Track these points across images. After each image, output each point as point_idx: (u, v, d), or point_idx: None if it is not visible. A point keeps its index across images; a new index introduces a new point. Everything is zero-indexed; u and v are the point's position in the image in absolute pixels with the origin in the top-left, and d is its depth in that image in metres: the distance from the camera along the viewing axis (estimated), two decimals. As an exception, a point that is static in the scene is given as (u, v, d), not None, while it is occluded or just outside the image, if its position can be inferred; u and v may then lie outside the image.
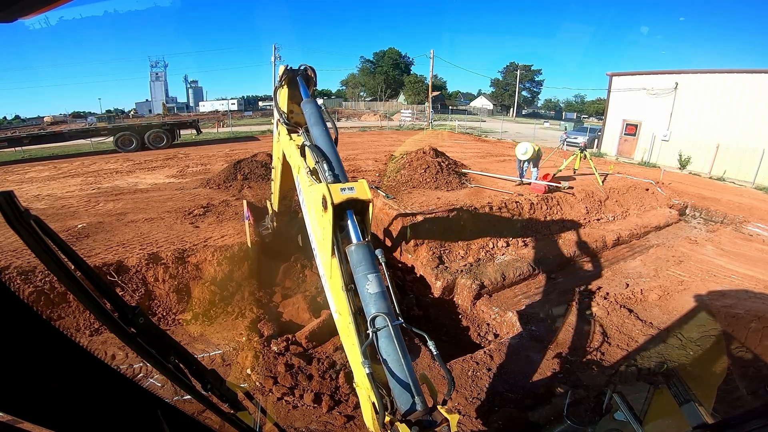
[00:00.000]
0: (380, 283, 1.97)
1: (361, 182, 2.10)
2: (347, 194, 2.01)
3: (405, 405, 1.68)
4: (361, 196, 2.03)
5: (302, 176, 2.55)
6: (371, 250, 2.02)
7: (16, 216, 0.66)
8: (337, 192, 2.00)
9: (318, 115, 2.82)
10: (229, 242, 5.96)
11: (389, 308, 1.88)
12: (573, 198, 9.33)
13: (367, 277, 1.95)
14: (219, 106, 50.44)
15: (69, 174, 11.37)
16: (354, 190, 2.03)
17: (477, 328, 5.80)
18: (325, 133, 2.65)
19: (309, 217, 2.46)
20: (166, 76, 58.21)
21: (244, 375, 4.20)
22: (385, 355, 1.76)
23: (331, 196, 1.97)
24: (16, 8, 0.58)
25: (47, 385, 0.62)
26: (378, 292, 1.93)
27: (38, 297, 4.67)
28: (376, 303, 1.89)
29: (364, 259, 1.98)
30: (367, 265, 1.97)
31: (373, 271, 1.97)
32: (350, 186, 2.06)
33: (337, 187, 2.03)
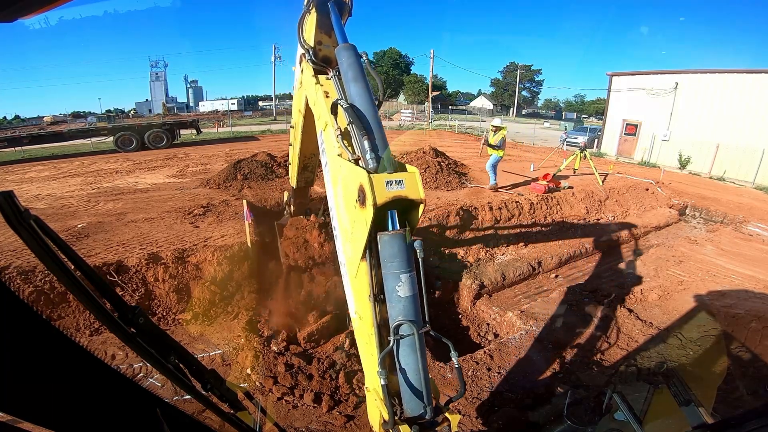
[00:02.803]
0: (413, 285, 1.65)
1: (412, 173, 1.63)
2: (394, 191, 1.56)
3: (413, 411, 1.67)
4: (411, 195, 1.59)
5: (328, 137, 2.02)
6: (408, 242, 1.65)
7: (16, 216, 0.66)
8: (382, 187, 1.55)
9: (358, 68, 2.04)
10: (229, 242, 5.96)
11: (418, 314, 1.65)
12: (573, 198, 9.33)
13: (400, 278, 1.62)
14: (219, 106, 50.43)
15: (69, 174, 11.36)
16: (403, 186, 1.58)
17: (477, 328, 5.80)
18: (366, 94, 1.96)
19: (333, 195, 2.03)
20: (166, 75, 58.27)
21: (244, 375, 4.20)
22: (403, 364, 1.64)
23: (373, 193, 1.52)
24: (16, 8, 0.58)
25: (47, 385, 0.62)
26: (409, 296, 1.64)
27: (38, 297, 4.67)
28: (405, 308, 1.63)
29: (399, 254, 1.62)
30: (401, 262, 1.63)
31: (407, 270, 1.63)
32: (399, 179, 1.59)
33: (381, 179, 1.57)
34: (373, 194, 1.52)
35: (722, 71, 15.76)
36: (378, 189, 1.54)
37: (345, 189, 1.77)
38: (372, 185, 1.53)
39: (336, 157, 1.88)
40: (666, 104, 17.28)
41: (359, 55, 2.10)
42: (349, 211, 1.73)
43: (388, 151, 1.78)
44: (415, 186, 1.61)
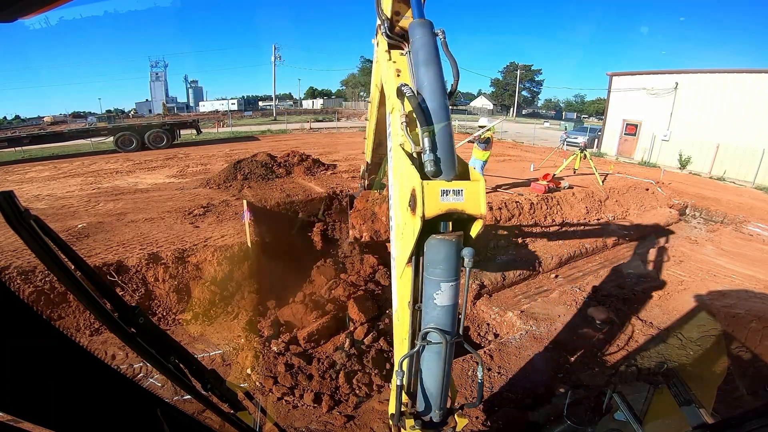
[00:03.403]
0: (453, 295, 1.53)
1: (475, 183, 1.42)
2: (449, 203, 1.38)
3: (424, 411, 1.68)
4: (469, 209, 1.39)
5: (394, 122, 1.82)
6: (458, 249, 1.48)
7: (16, 216, 0.66)
8: (435, 197, 1.37)
9: (431, 49, 1.73)
10: (229, 242, 5.96)
11: (453, 325, 1.56)
12: (573, 198, 9.33)
13: (440, 285, 1.51)
14: (219, 106, 50.47)
15: (69, 174, 11.37)
16: (461, 197, 1.38)
17: (477, 328, 5.80)
18: (436, 81, 1.64)
19: (392, 185, 1.89)
20: (166, 76, 58.27)
21: (244, 375, 4.20)
22: (426, 368, 1.61)
23: (423, 203, 1.36)
24: (16, 8, 0.58)
25: (47, 385, 0.62)
26: (446, 306, 1.54)
27: (38, 297, 4.67)
28: (439, 317, 1.55)
29: (445, 262, 1.48)
30: (445, 270, 1.50)
31: (451, 279, 1.50)
32: (457, 188, 1.39)
33: (436, 187, 1.38)
34: (423, 204, 1.35)
35: (722, 71, 15.76)
36: (430, 199, 1.36)
37: (400, 187, 1.60)
38: (423, 194, 1.36)
39: (398, 147, 1.68)
40: (666, 104, 17.28)
41: (435, 33, 1.77)
42: (402, 212, 1.58)
43: (452, 151, 1.53)
44: (476, 199, 1.39)
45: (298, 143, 17.27)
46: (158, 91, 57.31)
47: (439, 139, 1.52)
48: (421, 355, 1.62)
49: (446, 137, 1.54)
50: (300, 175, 10.30)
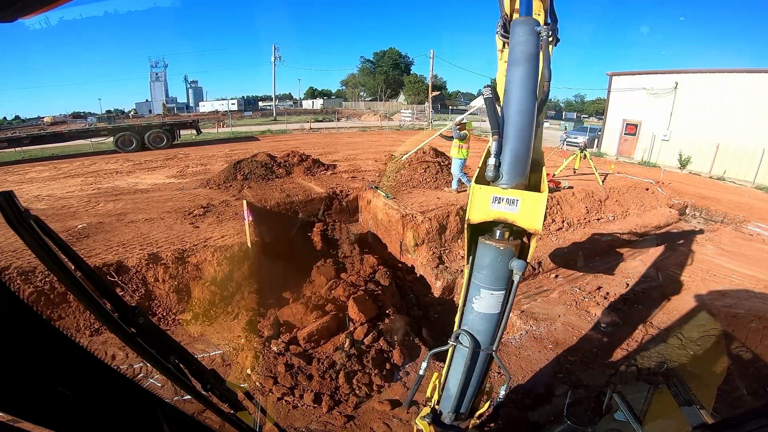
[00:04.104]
0: (493, 304, 1.46)
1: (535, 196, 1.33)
2: (500, 211, 1.33)
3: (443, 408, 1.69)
4: (522, 222, 1.33)
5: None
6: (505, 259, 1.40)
7: (16, 216, 0.66)
8: (485, 202, 1.34)
9: (524, 49, 1.56)
10: (229, 242, 5.96)
11: (487, 333, 1.51)
12: (573, 198, 9.33)
13: (480, 291, 1.48)
14: (219, 106, 50.44)
15: (69, 174, 11.36)
16: (516, 208, 1.32)
17: (477, 328, 5.80)
18: (522, 83, 1.50)
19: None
20: (166, 76, 58.25)
21: (244, 375, 4.20)
22: (452, 369, 1.60)
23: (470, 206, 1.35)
24: (16, 8, 0.58)
25: (47, 385, 0.62)
26: (483, 313, 1.50)
27: (38, 297, 4.67)
28: (474, 322, 1.52)
29: (489, 268, 1.43)
30: (487, 277, 1.44)
31: (492, 287, 1.44)
32: (514, 197, 1.32)
33: (488, 193, 1.35)
34: (470, 208, 1.33)
35: (722, 71, 15.75)
36: (478, 203, 1.32)
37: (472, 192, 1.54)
38: (472, 197, 1.32)
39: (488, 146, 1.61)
40: (666, 104, 17.27)
41: (536, 33, 1.59)
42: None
43: (522, 159, 1.42)
44: (534, 212, 1.30)
45: (298, 143, 17.27)
46: (158, 92, 57.29)
47: (509, 144, 1.43)
48: (452, 356, 1.63)
49: (519, 143, 1.43)
50: (300, 176, 10.31)
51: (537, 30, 1.58)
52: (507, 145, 1.43)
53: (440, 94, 59.13)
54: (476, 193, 1.33)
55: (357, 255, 7.15)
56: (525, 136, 1.44)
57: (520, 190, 1.35)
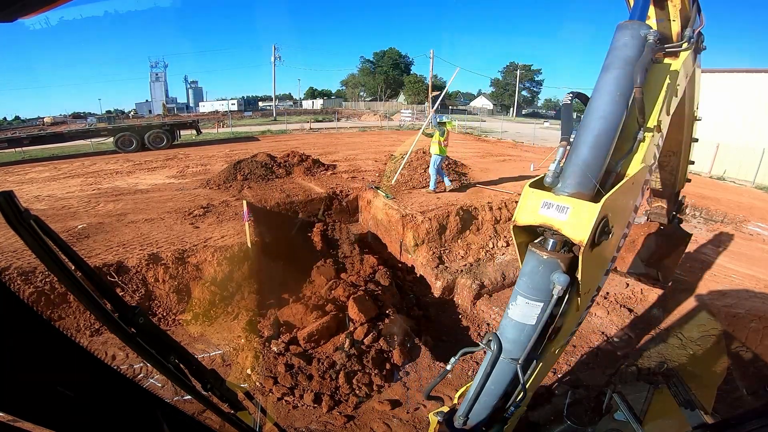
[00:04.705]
0: (527, 314, 1.40)
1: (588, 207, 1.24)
2: (547, 217, 1.28)
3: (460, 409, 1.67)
4: (567, 231, 1.25)
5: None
6: (547, 269, 1.33)
7: (16, 216, 0.66)
8: (534, 205, 1.30)
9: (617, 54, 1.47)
10: (229, 243, 5.96)
11: (516, 343, 1.45)
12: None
13: (516, 297, 1.43)
14: (219, 107, 50.53)
15: (69, 175, 11.37)
16: (565, 216, 1.25)
17: (477, 328, 5.80)
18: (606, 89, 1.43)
19: None
20: (166, 76, 58.31)
21: (244, 375, 4.20)
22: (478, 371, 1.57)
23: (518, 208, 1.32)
24: (16, 8, 0.58)
25: (47, 385, 0.62)
26: (515, 322, 1.44)
27: (38, 297, 4.67)
28: (505, 328, 1.47)
29: (529, 275, 1.38)
30: (525, 284, 1.39)
31: (531, 297, 1.39)
32: (563, 204, 1.26)
33: (539, 197, 1.31)
34: (518, 209, 1.30)
35: (722, 71, 15.76)
36: (527, 205, 1.29)
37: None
38: (522, 199, 1.29)
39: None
40: (666, 104, 17.28)
41: (640, 37, 1.45)
42: None
43: (587, 168, 1.34)
44: (582, 223, 1.21)
45: (298, 143, 17.27)
46: (158, 92, 57.33)
47: (578, 150, 1.37)
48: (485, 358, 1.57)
49: (589, 150, 1.36)
50: (300, 176, 10.31)
51: (642, 34, 1.46)
52: (575, 151, 1.37)
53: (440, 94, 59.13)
54: (527, 194, 1.30)
55: (357, 255, 7.15)
56: (600, 144, 1.36)
57: (572, 198, 1.28)
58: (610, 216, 1.27)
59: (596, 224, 1.22)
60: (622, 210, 1.39)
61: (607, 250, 1.40)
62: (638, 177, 1.41)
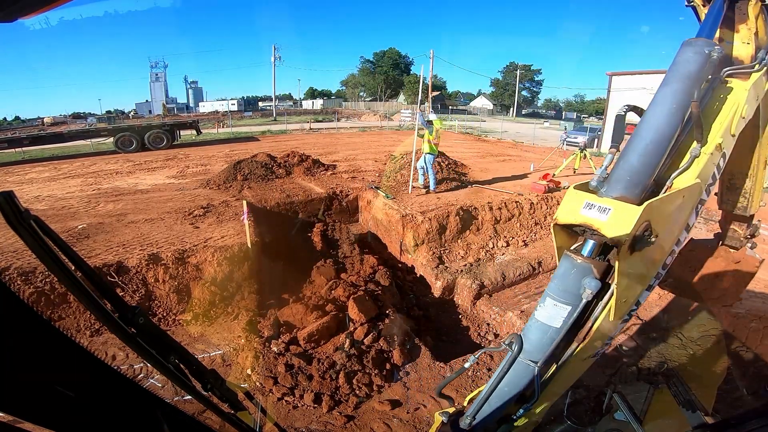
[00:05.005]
0: (552, 316, 1.39)
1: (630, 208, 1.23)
2: (587, 217, 1.28)
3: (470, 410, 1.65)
4: (605, 230, 1.24)
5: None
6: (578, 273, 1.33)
7: (16, 216, 0.66)
8: (576, 205, 1.30)
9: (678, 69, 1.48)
10: (229, 243, 5.96)
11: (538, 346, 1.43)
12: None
13: (545, 298, 1.42)
14: (219, 107, 50.58)
15: (69, 175, 11.37)
16: (605, 216, 1.25)
17: (477, 328, 5.80)
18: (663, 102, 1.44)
19: None
20: (166, 76, 58.37)
21: (245, 375, 4.20)
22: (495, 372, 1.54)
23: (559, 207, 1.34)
24: (16, 8, 0.58)
25: (47, 386, 0.62)
26: (541, 324, 1.42)
27: (39, 298, 4.67)
28: (529, 329, 1.46)
29: (560, 278, 1.38)
30: (555, 286, 1.39)
31: (559, 300, 1.38)
32: (605, 206, 1.26)
33: (581, 197, 1.32)
34: (559, 208, 1.31)
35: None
36: (569, 205, 1.30)
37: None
38: (566, 198, 1.29)
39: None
40: (666, 104, 17.29)
41: (704, 54, 1.47)
42: None
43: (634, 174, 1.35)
44: (622, 223, 1.20)
45: (298, 143, 17.27)
46: (158, 92, 57.38)
47: (626, 156, 1.40)
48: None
49: (638, 157, 1.37)
50: (300, 176, 10.31)
51: (707, 51, 1.46)
52: (624, 158, 1.38)
53: (440, 94, 59.18)
54: (570, 195, 1.31)
55: (357, 255, 7.15)
56: (649, 152, 1.37)
57: (614, 200, 1.28)
58: (653, 224, 1.25)
59: (636, 226, 1.20)
60: (668, 221, 1.36)
61: (648, 260, 1.37)
62: (689, 192, 1.40)
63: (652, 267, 1.44)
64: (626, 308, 1.45)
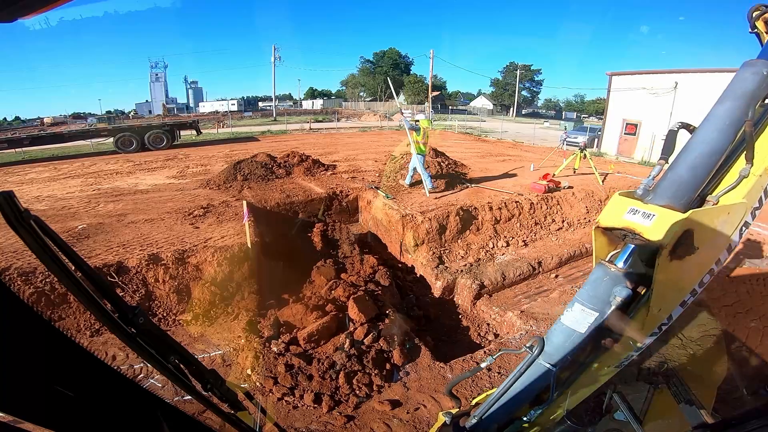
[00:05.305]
0: (580, 322, 1.38)
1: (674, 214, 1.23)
2: (629, 221, 1.29)
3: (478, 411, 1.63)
4: (647, 233, 1.25)
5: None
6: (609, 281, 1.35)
7: (16, 216, 0.66)
8: (620, 210, 1.32)
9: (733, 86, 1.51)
10: (229, 243, 5.96)
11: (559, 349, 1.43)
12: (573, 198, 9.33)
13: (574, 303, 1.42)
14: (219, 107, 50.60)
15: (69, 175, 11.37)
16: (648, 222, 1.26)
17: (477, 328, 5.80)
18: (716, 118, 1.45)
19: None
20: (166, 76, 58.39)
21: (245, 375, 4.20)
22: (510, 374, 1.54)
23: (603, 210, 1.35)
24: (16, 8, 0.58)
25: (48, 386, 0.62)
26: (566, 328, 1.42)
27: (39, 298, 4.67)
28: (553, 332, 1.46)
29: (591, 284, 1.39)
30: (585, 291, 1.41)
31: (587, 305, 1.38)
32: (649, 211, 1.28)
33: (625, 203, 1.34)
34: (603, 212, 1.32)
35: (722, 71, 15.75)
36: (613, 209, 1.31)
37: None
38: (610, 202, 1.30)
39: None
40: (666, 104, 17.28)
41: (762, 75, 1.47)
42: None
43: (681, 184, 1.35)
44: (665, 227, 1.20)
45: (298, 144, 17.28)
46: (158, 92, 57.40)
47: (674, 167, 1.41)
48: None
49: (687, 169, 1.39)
50: (300, 176, 10.31)
51: (765, 72, 1.46)
52: (672, 169, 1.39)
53: (440, 94, 59.21)
54: (615, 200, 1.32)
55: (357, 255, 7.15)
56: (698, 165, 1.38)
57: (660, 207, 1.28)
58: (695, 235, 1.26)
59: (679, 231, 1.21)
60: (710, 235, 1.36)
61: (686, 271, 1.36)
62: (734, 210, 1.40)
63: (689, 279, 1.43)
64: (658, 320, 1.43)
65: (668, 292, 1.38)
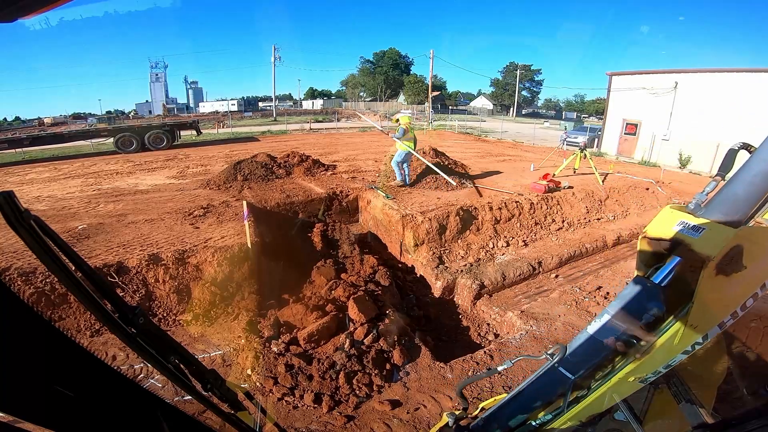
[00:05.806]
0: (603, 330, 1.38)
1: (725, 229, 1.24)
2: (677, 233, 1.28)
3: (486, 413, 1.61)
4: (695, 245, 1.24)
5: None
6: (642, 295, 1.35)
7: (16, 216, 0.66)
8: (669, 222, 1.30)
9: None
10: (230, 243, 5.96)
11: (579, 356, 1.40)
12: (573, 198, 9.33)
13: (602, 316, 1.39)
14: (219, 107, 50.63)
15: (69, 175, 11.38)
16: (697, 234, 1.26)
17: (477, 328, 5.80)
18: None
19: None
20: (166, 77, 58.42)
21: (245, 375, 4.20)
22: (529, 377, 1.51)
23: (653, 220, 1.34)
24: (16, 8, 0.58)
25: (48, 386, 0.62)
26: (590, 336, 1.40)
27: (39, 298, 4.67)
28: (577, 340, 1.44)
29: (625, 297, 1.38)
30: (615, 303, 1.39)
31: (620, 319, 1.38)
32: (699, 224, 1.28)
33: (677, 215, 1.32)
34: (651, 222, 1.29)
35: (722, 71, 15.77)
36: (662, 220, 1.29)
37: None
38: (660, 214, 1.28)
39: None
40: (666, 104, 17.29)
41: None
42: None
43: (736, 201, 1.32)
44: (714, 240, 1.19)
45: (298, 144, 17.28)
46: (158, 92, 57.43)
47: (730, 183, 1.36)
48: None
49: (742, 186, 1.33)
50: (300, 176, 10.31)
51: None
52: (728, 185, 1.34)
53: (440, 94, 59.21)
54: (664, 213, 1.28)
55: (357, 255, 7.15)
56: (755, 183, 1.34)
57: (710, 221, 1.26)
58: (746, 251, 1.22)
59: (728, 245, 1.17)
60: (760, 254, 1.31)
61: (731, 290, 1.32)
62: None
63: (732, 298, 1.38)
64: (693, 338, 1.39)
65: (708, 308, 1.33)
